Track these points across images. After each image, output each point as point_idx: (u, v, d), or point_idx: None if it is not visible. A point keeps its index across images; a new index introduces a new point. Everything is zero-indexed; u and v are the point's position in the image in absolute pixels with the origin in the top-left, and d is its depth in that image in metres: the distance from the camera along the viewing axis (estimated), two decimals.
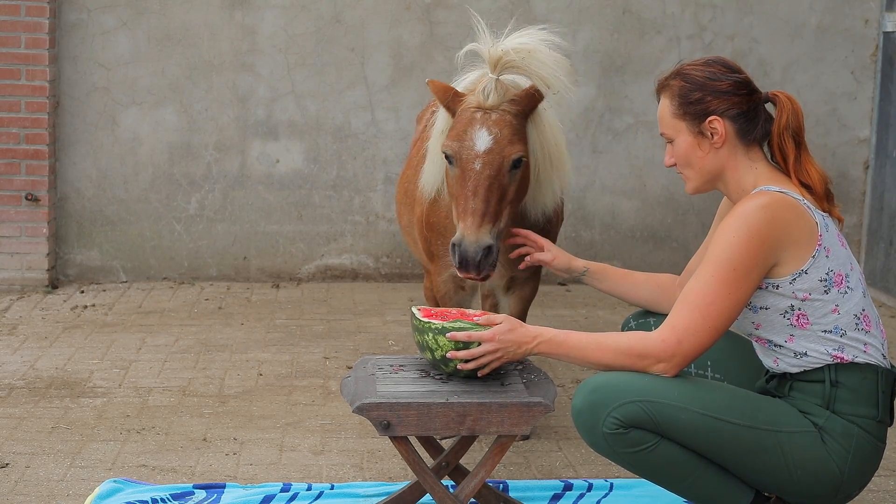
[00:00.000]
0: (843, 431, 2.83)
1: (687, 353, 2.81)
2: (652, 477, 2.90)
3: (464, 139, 3.52)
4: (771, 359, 2.93)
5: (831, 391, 2.84)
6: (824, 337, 2.84)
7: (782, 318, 2.85)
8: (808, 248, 2.80)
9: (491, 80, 3.57)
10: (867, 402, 2.84)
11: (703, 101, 2.91)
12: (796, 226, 2.80)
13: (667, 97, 2.97)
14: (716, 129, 2.90)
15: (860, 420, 2.84)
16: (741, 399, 2.86)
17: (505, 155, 3.50)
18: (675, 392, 2.81)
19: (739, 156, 2.92)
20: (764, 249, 2.78)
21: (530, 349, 2.95)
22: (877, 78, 6.86)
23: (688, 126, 2.93)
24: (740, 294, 2.80)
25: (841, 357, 2.84)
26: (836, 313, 2.83)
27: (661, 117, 2.99)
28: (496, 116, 3.53)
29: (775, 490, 2.89)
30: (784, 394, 2.91)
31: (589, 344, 2.89)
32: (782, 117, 2.91)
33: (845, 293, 2.84)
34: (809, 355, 2.85)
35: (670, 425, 2.80)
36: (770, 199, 2.81)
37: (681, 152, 2.95)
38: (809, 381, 2.87)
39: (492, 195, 3.47)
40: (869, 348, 2.86)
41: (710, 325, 2.80)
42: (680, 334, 2.80)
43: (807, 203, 2.84)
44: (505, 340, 2.95)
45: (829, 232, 2.85)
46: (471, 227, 3.43)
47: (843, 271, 2.84)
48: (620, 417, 2.79)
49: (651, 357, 2.82)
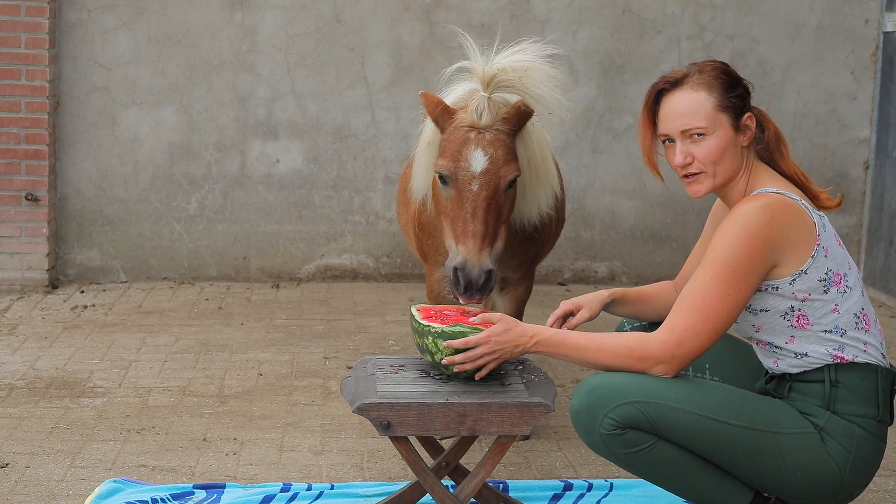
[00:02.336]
0: (843, 431, 2.82)
1: (686, 354, 2.81)
2: (650, 477, 2.90)
3: (459, 160, 3.49)
4: (771, 360, 2.93)
5: (831, 391, 2.84)
6: (825, 337, 2.84)
7: (782, 320, 2.85)
8: (807, 249, 2.80)
9: (483, 99, 3.53)
10: (867, 401, 2.84)
11: (743, 97, 2.89)
12: (795, 227, 2.80)
13: (702, 89, 2.86)
14: (749, 126, 2.90)
15: (860, 420, 2.84)
16: (740, 400, 2.85)
17: (502, 176, 3.49)
18: (673, 393, 2.81)
19: (750, 157, 2.93)
20: (763, 251, 2.78)
21: (527, 348, 2.93)
22: (877, 78, 6.86)
23: (730, 120, 2.87)
24: (739, 295, 2.79)
25: (841, 357, 2.84)
26: (836, 313, 2.83)
27: (695, 110, 2.85)
28: (490, 136, 3.50)
29: (775, 491, 2.89)
30: (784, 395, 2.91)
31: (589, 344, 2.88)
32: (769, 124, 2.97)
33: (844, 292, 2.84)
34: (810, 356, 2.85)
35: (668, 426, 2.80)
36: (769, 200, 2.81)
37: (714, 148, 2.86)
38: (809, 382, 2.86)
39: (490, 216, 3.46)
40: (869, 347, 2.86)
41: (709, 327, 2.79)
42: (679, 336, 2.80)
43: (804, 203, 2.85)
44: (501, 341, 2.94)
45: (827, 231, 2.85)
46: (473, 250, 3.41)
47: (842, 270, 2.85)
48: (618, 418, 2.78)
49: (651, 359, 2.82)
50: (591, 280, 6.92)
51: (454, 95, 3.72)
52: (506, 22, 6.74)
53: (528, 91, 3.56)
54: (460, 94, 3.71)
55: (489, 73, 3.55)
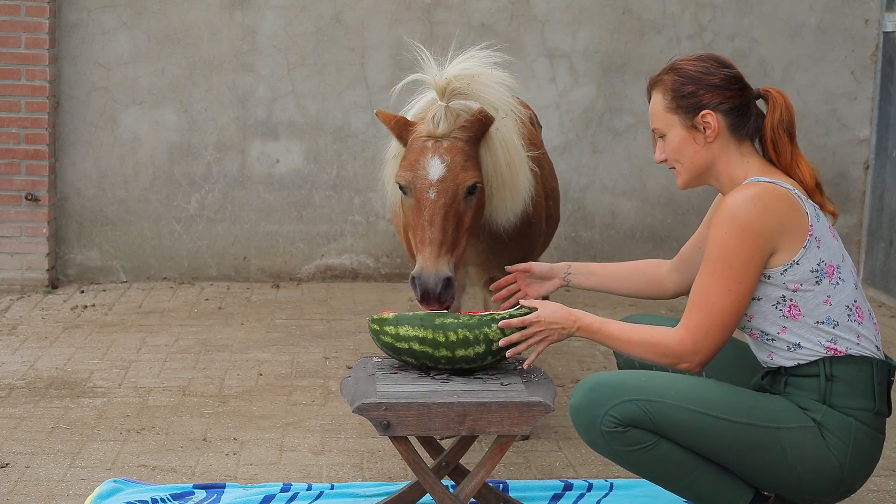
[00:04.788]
0: (840, 425, 2.82)
1: (704, 351, 2.85)
2: (650, 476, 2.90)
3: (416, 168, 3.51)
4: (765, 353, 2.93)
5: (827, 385, 2.84)
6: (817, 328, 2.84)
7: (774, 309, 2.86)
8: (800, 239, 2.81)
9: (441, 108, 3.56)
10: (863, 394, 2.84)
11: (696, 95, 2.92)
12: (787, 216, 2.80)
13: (659, 92, 2.97)
14: (708, 123, 2.91)
15: (857, 413, 2.84)
16: (739, 396, 2.86)
17: (459, 182, 3.50)
18: (673, 391, 2.82)
19: (731, 150, 2.93)
20: (758, 242, 2.79)
21: (571, 332, 3.01)
22: (877, 78, 6.86)
23: (680, 120, 2.94)
24: (742, 288, 2.81)
25: (835, 349, 2.84)
26: (828, 304, 2.84)
27: (653, 112, 2.99)
28: (448, 144, 3.52)
29: (776, 488, 2.89)
30: (780, 390, 2.91)
31: (621, 335, 2.94)
32: (776, 113, 2.92)
33: (837, 284, 2.84)
34: (803, 346, 2.85)
35: (668, 424, 2.81)
36: (759, 189, 2.81)
37: (673, 146, 2.96)
38: (804, 376, 2.87)
39: (448, 224, 3.47)
40: (862, 340, 2.86)
41: (718, 323, 2.82)
42: (693, 335, 2.84)
43: (797, 192, 2.85)
44: (551, 321, 3.01)
45: (821, 222, 2.85)
46: (429, 258, 3.43)
47: (835, 262, 2.85)
48: (618, 416, 2.80)
49: (673, 356, 2.87)
50: None
51: (416, 107, 3.78)
52: (506, 22, 6.74)
53: (478, 97, 3.59)
54: (422, 105, 3.77)
55: (441, 84, 3.58)
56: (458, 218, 3.51)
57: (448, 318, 3.13)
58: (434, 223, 3.45)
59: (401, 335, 3.13)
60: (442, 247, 3.44)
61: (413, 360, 3.17)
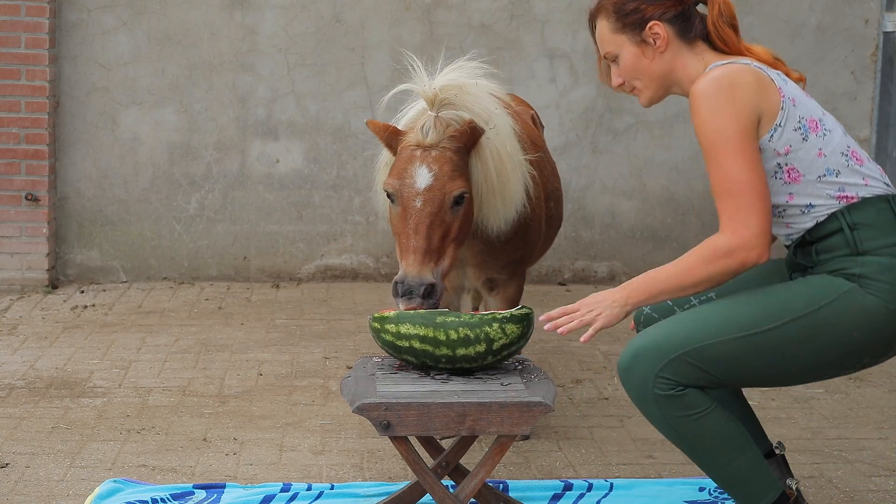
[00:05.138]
0: (879, 269, 2.81)
1: (760, 230, 2.80)
2: (692, 448, 2.89)
3: (404, 177, 3.53)
4: (783, 227, 2.94)
5: (852, 234, 2.85)
6: (821, 182, 2.87)
7: (775, 179, 2.88)
8: (774, 103, 2.85)
9: (430, 118, 3.58)
10: (891, 230, 2.85)
11: (639, 11, 2.98)
12: (756, 84, 2.85)
13: (603, 18, 3.03)
14: (657, 34, 2.97)
15: (891, 249, 2.84)
16: (769, 301, 2.85)
17: (446, 192, 3.51)
18: (709, 329, 2.82)
19: (685, 53, 2.99)
20: (738, 108, 2.81)
21: (623, 297, 2.88)
22: (877, 78, 6.87)
23: (629, 38, 2.99)
24: (751, 156, 2.81)
25: (846, 196, 2.87)
26: (823, 157, 2.87)
27: (602, 38, 3.04)
28: (436, 153, 3.54)
29: (851, 367, 2.87)
30: (813, 261, 2.90)
31: (678, 271, 2.87)
32: (714, 9, 2.99)
33: (824, 135, 2.89)
34: (815, 205, 2.88)
35: (718, 364, 2.81)
36: (720, 70, 2.87)
37: (628, 65, 3.01)
38: (829, 236, 2.87)
39: (433, 233, 3.48)
40: (869, 181, 2.89)
41: (753, 196, 2.79)
42: (739, 220, 2.80)
43: (756, 64, 2.91)
44: (594, 301, 2.91)
45: (789, 85, 2.91)
46: (412, 264, 3.44)
47: (815, 116, 2.90)
48: (670, 376, 2.81)
49: (737, 250, 2.80)
50: (591, 280, 6.92)
51: (407, 116, 3.81)
52: (506, 22, 6.74)
53: (466, 107, 3.61)
54: (412, 114, 3.79)
55: (430, 94, 3.60)
56: (445, 227, 3.52)
57: (449, 317, 3.14)
58: (419, 231, 3.47)
59: (402, 333, 3.14)
60: (426, 255, 3.46)
61: (414, 359, 3.17)
